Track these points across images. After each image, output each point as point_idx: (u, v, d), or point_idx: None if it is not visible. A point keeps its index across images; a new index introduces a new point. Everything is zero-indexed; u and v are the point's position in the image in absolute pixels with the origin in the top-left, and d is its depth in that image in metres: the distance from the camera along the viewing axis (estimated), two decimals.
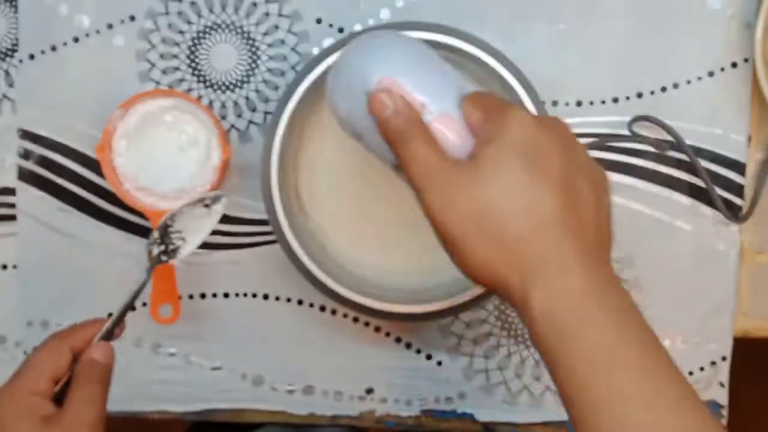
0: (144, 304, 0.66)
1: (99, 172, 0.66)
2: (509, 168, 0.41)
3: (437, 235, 0.43)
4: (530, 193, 0.41)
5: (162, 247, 0.56)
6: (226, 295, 0.67)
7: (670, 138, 0.65)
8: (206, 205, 0.58)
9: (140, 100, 0.62)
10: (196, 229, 0.57)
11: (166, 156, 0.63)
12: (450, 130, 0.44)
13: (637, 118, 0.65)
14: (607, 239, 0.44)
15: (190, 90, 0.65)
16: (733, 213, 0.65)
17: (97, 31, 0.65)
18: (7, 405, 0.46)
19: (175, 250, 0.57)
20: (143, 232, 0.66)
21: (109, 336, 0.50)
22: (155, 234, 0.56)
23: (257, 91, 0.66)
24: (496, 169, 0.41)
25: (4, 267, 0.67)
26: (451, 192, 0.42)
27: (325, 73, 0.59)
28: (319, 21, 0.65)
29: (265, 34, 0.65)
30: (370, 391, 0.67)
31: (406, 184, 0.45)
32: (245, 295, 0.67)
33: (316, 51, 0.65)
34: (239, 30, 0.65)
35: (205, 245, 0.66)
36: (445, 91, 0.46)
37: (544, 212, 0.41)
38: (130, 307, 0.52)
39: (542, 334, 0.40)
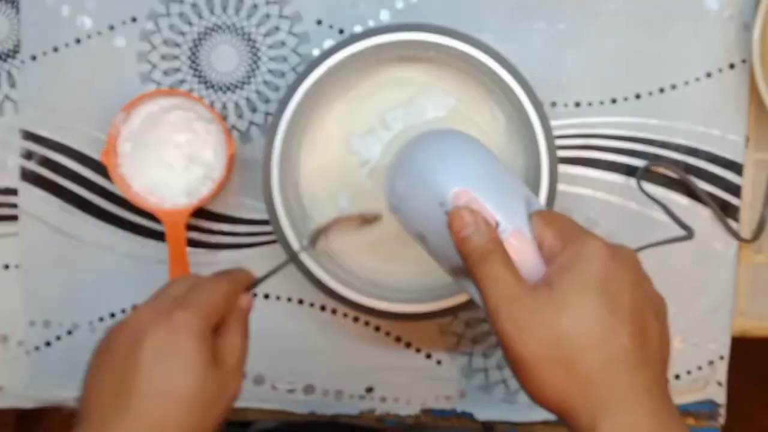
0: None
1: (101, 172, 0.66)
2: (586, 300, 0.42)
3: (506, 356, 0.43)
4: (605, 327, 0.42)
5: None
6: None
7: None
8: (365, 221, 0.57)
9: (142, 102, 0.63)
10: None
11: (171, 155, 0.63)
12: (523, 250, 0.45)
13: (647, 166, 0.65)
14: (667, 365, 0.45)
15: (191, 91, 0.66)
16: (731, 213, 0.66)
17: (99, 33, 0.66)
18: (185, 331, 0.45)
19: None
20: (145, 232, 0.66)
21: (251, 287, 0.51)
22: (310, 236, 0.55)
23: (258, 92, 0.66)
24: (574, 300, 0.42)
25: (7, 267, 0.67)
26: (528, 317, 0.42)
27: (325, 75, 0.60)
28: (319, 22, 0.65)
29: (266, 35, 0.66)
30: (370, 390, 0.68)
31: (464, 289, 0.46)
32: None
33: (316, 52, 0.65)
34: (240, 31, 0.66)
35: (205, 245, 0.66)
36: (514, 205, 0.46)
37: (618, 346, 0.42)
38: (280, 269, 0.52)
39: None
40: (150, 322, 0.45)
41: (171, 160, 0.63)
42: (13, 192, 0.67)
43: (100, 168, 0.66)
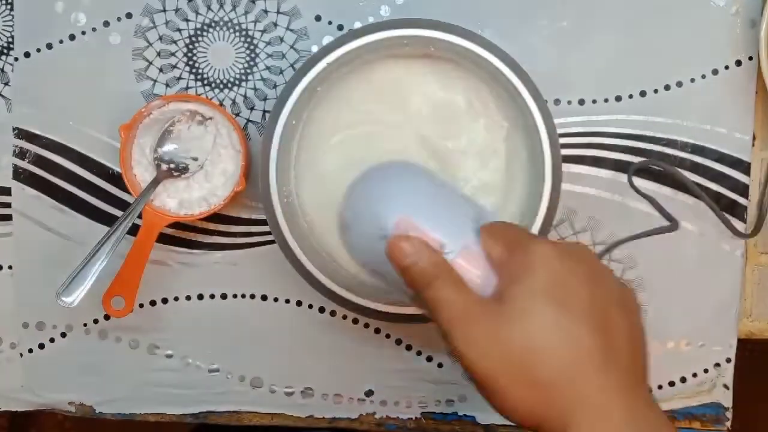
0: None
1: (95, 171, 0.65)
2: (537, 307, 0.41)
3: (467, 376, 0.42)
4: (562, 331, 0.41)
5: (171, 165, 0.61)
6: (224, 296, 0.66)
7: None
8: (200, 122, 0.61)
9: (181, 99, 0.62)
10: (200, 148, 0.62)
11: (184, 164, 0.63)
12: (472, 267, 0.44)
13: (639, 168, 0.64)
14: (641, 359, 0.43)
15: (187, 88, 0.65)
16: (738, 212, 0.65)
17: (94, 29, 0.65)
18: None
19: (185, 168, 0.62)
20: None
21: None
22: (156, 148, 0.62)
23: (255, 89, 0.65)
24: (526, 310, 0.41)
25: (0, 267, 0.66)
26: (481, 334, 0.41)
27: (324, 72, 0.59)
28: (318, 18, 0.65)
29: (264, 31, 0.65)
30: (369, 393, 0.67)
31: (428, 316, 0.45)
32: (243, 296, 0.66)
33: (315, 48, 0.65)
34: (237, 27, 0.65)
35: (203, 245, 0.65)
36: (460, 224, 0.45)
37: (579, 348, 0.41)
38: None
39: None
40: None
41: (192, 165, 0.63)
42: (6, 191, 0.66)
43: (94, 167, 0.65)
